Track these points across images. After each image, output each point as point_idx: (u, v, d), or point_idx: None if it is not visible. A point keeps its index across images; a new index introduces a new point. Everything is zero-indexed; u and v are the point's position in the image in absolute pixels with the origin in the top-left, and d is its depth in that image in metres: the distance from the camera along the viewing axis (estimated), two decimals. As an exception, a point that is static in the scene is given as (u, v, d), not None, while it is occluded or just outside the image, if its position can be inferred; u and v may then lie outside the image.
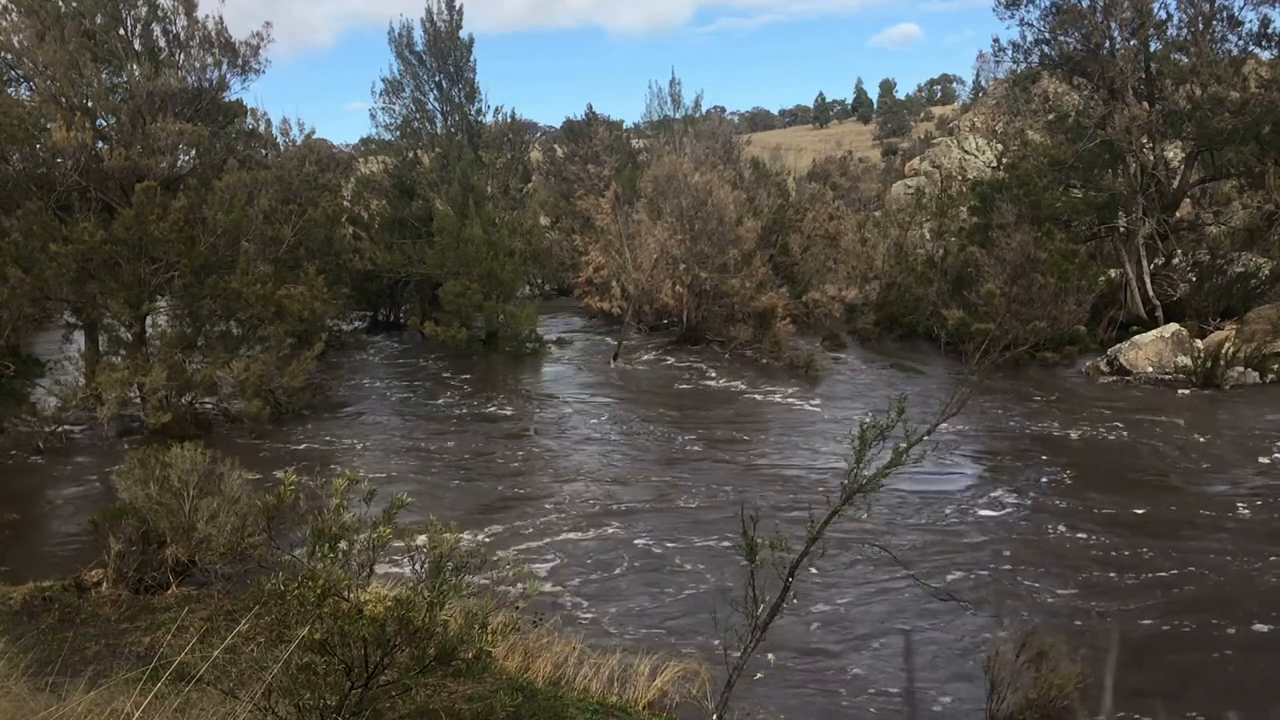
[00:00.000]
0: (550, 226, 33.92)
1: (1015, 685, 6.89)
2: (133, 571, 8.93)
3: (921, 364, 21.29)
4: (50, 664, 6.45)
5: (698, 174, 24.66)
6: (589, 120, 37.18)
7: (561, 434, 16.20)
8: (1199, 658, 7.96)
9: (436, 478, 13.72)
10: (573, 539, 11.09)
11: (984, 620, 8.74)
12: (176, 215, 15.91)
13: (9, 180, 16.04)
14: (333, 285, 19.49)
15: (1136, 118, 21.56)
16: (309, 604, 4.74)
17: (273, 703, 4.65)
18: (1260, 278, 22.62)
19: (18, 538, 11.27)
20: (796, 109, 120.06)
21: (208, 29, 18.73)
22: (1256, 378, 18.30)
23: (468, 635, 5.08)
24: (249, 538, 8.98)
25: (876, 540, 9.75)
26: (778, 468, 13.85)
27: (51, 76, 17.04)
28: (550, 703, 6.64)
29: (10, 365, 15.53)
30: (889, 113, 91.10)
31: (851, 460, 6.05)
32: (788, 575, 6.11)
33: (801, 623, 8.62)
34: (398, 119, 27.02)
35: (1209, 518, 11.26)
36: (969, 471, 13.46)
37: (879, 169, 56.77)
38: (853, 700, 7.48)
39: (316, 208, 19.21)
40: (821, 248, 26.94)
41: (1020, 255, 20.40)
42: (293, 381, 16.79)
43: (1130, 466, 13.51)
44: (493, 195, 25.37)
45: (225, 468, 9.48)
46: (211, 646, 5.87)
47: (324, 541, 5.27)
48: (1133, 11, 21.88)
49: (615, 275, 25.07)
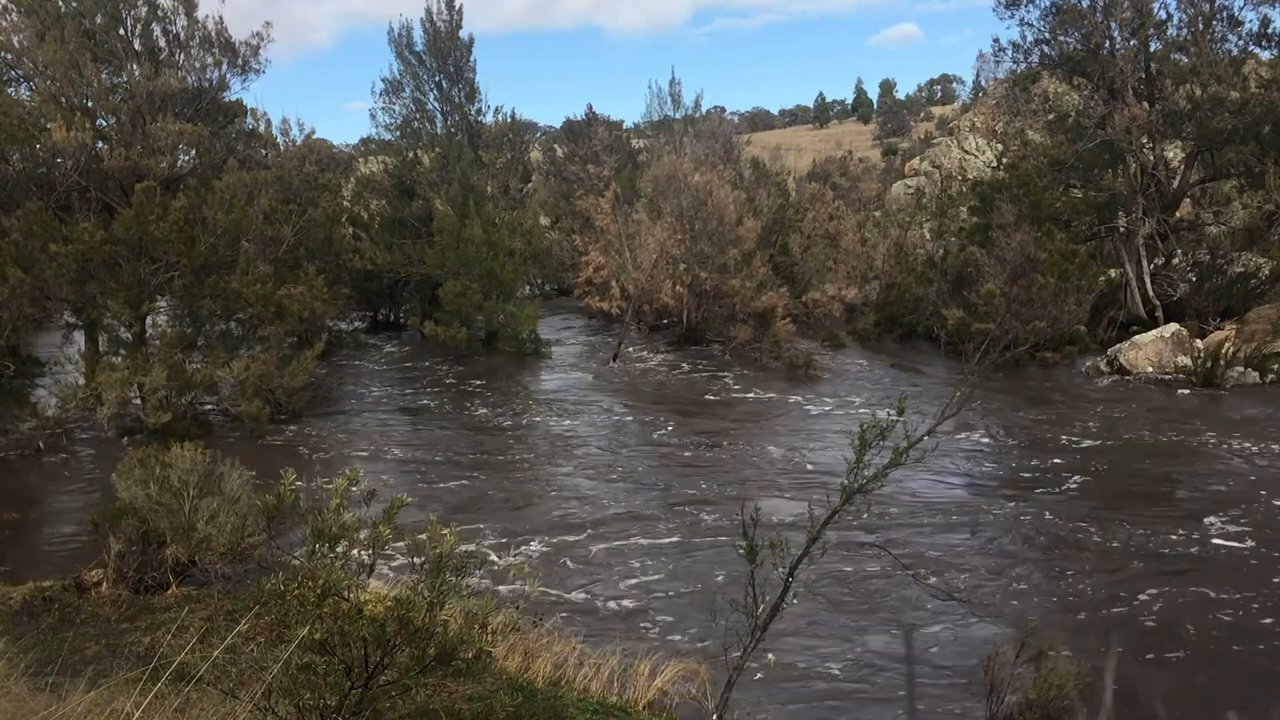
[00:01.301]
0: (550, 226, 33.91)
1: (1014, 685, 6.89)
2: (133, 571, 8.93)
3: (921, 364, 21.28)
4: (50, 664, 6.45)
5: (698, 174, 24.66)
6: (589, 120, 37.18)
7: (561, 434, 16.19)
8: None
9: (436, 478, 13.72)
10: (572, 539, 11.09)
11: (983, 618, 8.74)
12: (176, 215, 15.90)
13: (9, 180, 16.03)
14: (333, 285, 19.48)
15: (1136, 118, 21.56)
16: (309, 604, 4.74)
17: (273, 703, 4.65)
18: (1260, 278, 22.63)
19: (18, 538, 11.26)
20: (796, 109, 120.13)
21: (208, 29, 18.73)
22: (1256, 378, 18.30)
23: (468, 635, 5.08)
24: (249, 538, 8.98)
25: (876, 541, 9.75)
26: (778, 466, 13.84)
27: (51, 76, 17.04)
28: (550, 703, 6.64)
29: (10, 365, 15.53)
30: (889, 113, 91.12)
31: (851, 460, 6.05)
32: (788, 575, 6.12)
33: (802, 622, 8.62)
34: (398, 119, 27.04)
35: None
36: (967, 472, 13.47)
37: (879, 169, 56.77)
38: (852, 700, 7.48)
39: (316, 208, 19.20)
40: (821, 248, 26.94)
41: (1020, 255, 20.41)
42: (293, 381, 16.78)
43: (1130, 466, 13.52)
44: (493, 195, 25.37)
45: (225, 468, 9.47)
46: (211, 646, 5.87)
47: (324, 541, 5.26)
48: (1133, 11, 21.89)
49: (615, 275, 25.06)
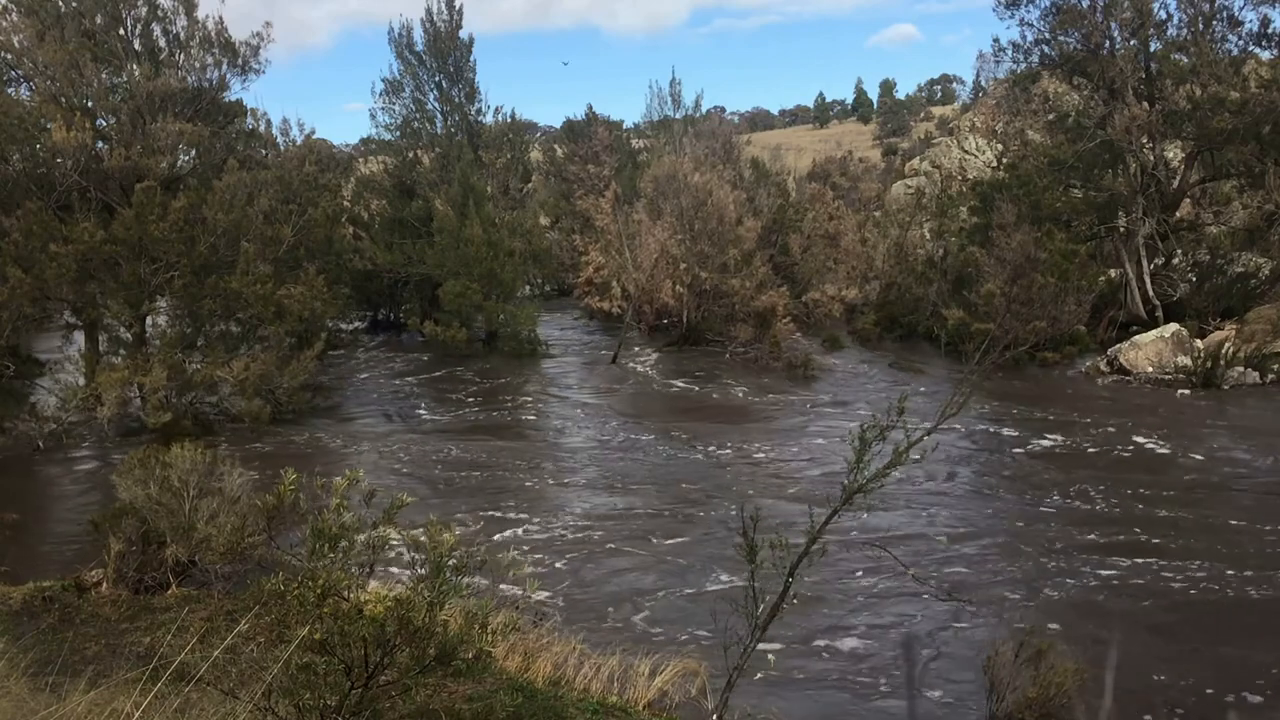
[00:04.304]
0: (550, 226, 33.91)
1: (1014, 685, 6.89)
2: (133, 571, 8.93)
3: (922, 364, 21.28)
4: (50, 664, 6.45)
5: (698, 174, 24.65)
6: (589, 120, 37.18)
7: (561, 434, 16.20)
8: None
9: (436, 478, 13.72)
10: (571, 540, 11.09)
11: (983, 616, 8.74)
12: (176, 215, 15.91)
13: (9, 180, 16.05)
14: (333, 285, 19.50)
15: (1136, 118, 21.55)
16: (309, 604, 4.74)
17: (273, 703, 4.65)
18: (1260, 278, 22.63)
19: (18, 538, 11.26)
20: (796, 109, 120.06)
21: (208, 29, 18.78)
22: (1256, 378, 18.29)
23: (468, 635, 5.08)
24: (249, 538, 8.98)
25: (877, 540, 9.74)
26: (777, 467, 13.84)
27: (51, 76, 17.05)
28: (550, 703, 6.64)
29: (10, 365, 15.54)
30: (889, 113, 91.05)
31: (851, 460, 6.05)
32: (787, 575, 6.12)
33: (802, 622, 8.62)
34: (398, 119, 27.05)
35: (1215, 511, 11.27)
36: (965, 472, 13.46)
37: (879, 169, 56.73)
38: (853, 700, 7.48)
39: (316, 208, 19.22)
40: (821, 248, 26.93)
41: (1020, 255, 20.40)
42: (293, 381, 16.79)
43: (1129, 467, 13.51)
44: (493, 195, 25.38)
45: (225, 468, 9.48)
46: (211, 646, 5.87)
47: (324, 541, 5.26)
48: (1133, 11, 21.88)
49: (615, 275, 25.06)
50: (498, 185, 26.20)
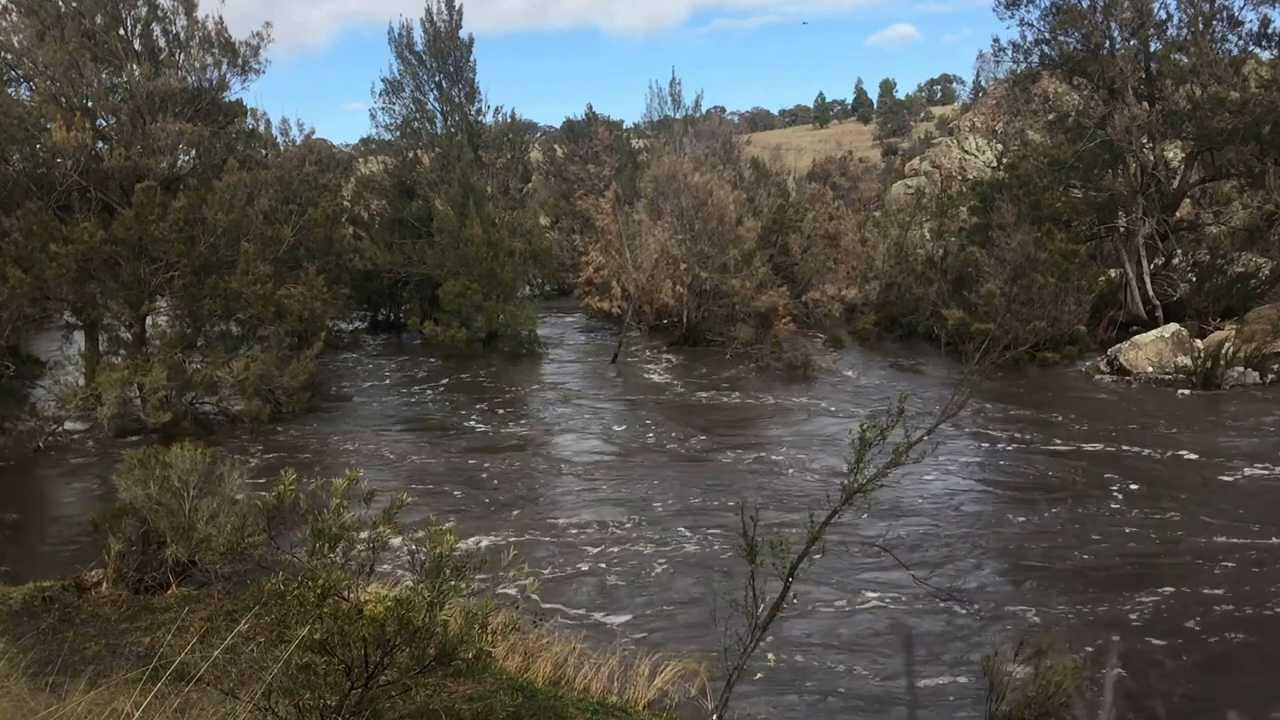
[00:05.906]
0: (550, 226, 33.91)
1: (1014, 684, 6.89)
2: (133, 571, 8.93)
3: (922, 364, 21.28)
4: (50, 664, 6.45)
5: (698, 174, 24.65)
6: (589, 120, 37.18)
7: (561, 434, 16.19)
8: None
9: (435, 477, 13.71)
10: (571, 540, 11.09)
11: (983, 616, 8.74)
12: (176, 215, 15.91)
13: (9, 180, 16.04)
14: (333, 285, 19.50)
15: (1136, 118, 21.55)
16: (309, 604, 4.74)
17: (273, 703, 4.65)
18: (1260, 278, 22.63)
19: (18, 538, 11.26)
20: (796, 109, 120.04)
21: (207, 29, 18.77)
22: (1256, 378, 18.29)
23: (468, 635, 5.08)
24: (249, 538, 8.98)
25: (876, 541, 9.74)
26: (777, 466, 13.84)
27: (51, 76, 17.05)
28: (550, 703, 6.64)
29: (10, 365, 15.53)
30: (889, 113, 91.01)
31: (851, 460, 6.05)
32: (787, 575, 6.12)
33: (802, 621, 8.62)
34: (398, 119, 27.06)
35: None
36: (965, 472, 13.46)
37: (879, 169, 56.72)
38: (852, 699, 7.48)
39: (316, 208, 19.22)
40: (821, 248, 26.92)
41: (1020, 255, 20.40)
42: (293, 381, 16.79)
43: (1129, 467, 13.52)
44: (493, 195, 25.38)
45: (225, 468, 9.47)
46: (211, 646, 5.88)
47: (324, 541, 5.26)
48: (1133, 11, 21.88)
49: (615, 275, 25.06)
50: (498, 185, 26.20)
